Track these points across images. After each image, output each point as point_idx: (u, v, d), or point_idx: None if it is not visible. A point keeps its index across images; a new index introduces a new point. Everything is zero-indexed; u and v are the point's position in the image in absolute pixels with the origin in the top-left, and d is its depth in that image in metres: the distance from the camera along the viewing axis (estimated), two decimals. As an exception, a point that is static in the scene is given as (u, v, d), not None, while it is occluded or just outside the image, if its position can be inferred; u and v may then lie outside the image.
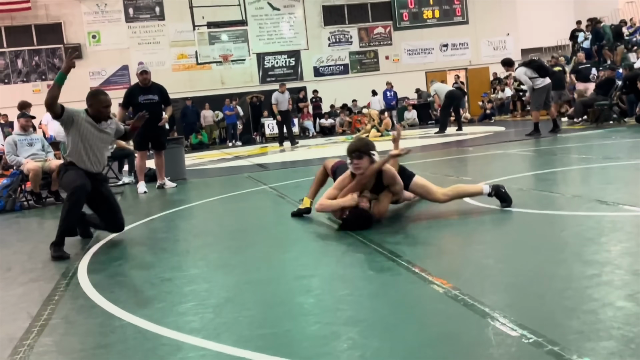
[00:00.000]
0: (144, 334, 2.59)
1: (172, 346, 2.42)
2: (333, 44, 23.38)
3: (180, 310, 2.87)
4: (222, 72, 22.41)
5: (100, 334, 2.67)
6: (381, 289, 2.93)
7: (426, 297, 2.74)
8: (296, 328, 2.51)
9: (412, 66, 23.75)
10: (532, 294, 2.62)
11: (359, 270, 3.31)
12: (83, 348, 2.51)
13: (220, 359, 2.25)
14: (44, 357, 2.44)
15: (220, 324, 2.63)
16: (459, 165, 8.35)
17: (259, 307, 2.82)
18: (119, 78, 21.59)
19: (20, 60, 21.27)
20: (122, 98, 8.66)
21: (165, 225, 5.65)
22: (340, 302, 2.77)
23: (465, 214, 4.55)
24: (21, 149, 7.87)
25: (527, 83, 11.25)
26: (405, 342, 2.26)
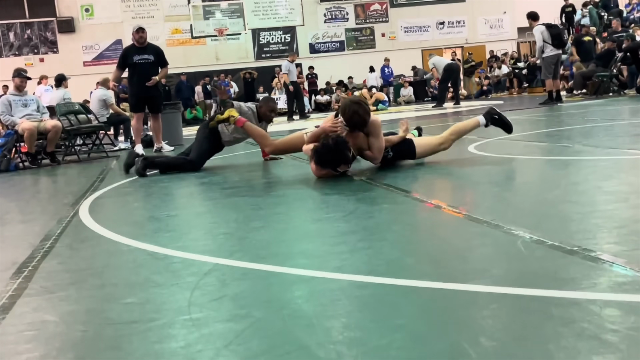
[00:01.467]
0: (154, 255, 2.49)
1: (185, 263, 2.32)
2: (329, 20, 23.14)
3: (190, 237, 2.76)
4: (216, 47, 22.16)
5: (108, 256, 2.56)
6: (399, 217, 2.83)
7: (447, 222, 2.64)
8: (313, 247, 2.41)
9: (408, 44, 23.57)
10: (558, 216, 2.52)
11: (372, 204, 3.21)
12: (90, 267, 2.40)
13: (236, 271, 2.15)
14: (49, 276, 2.33)
15: (233, 246, 2.53)
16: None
17: (273, 232, 2.72)
18: (113, 52, 21.26)
19: (12, 33, 20.94)
20: (118, 59, 8.50)
21: (166, 177, 5.52)
22: (357, 227, 2.67)
23: (476, 163, 4.45)
24: (16, 109, 7.70)
25: (539, 42, 11.10)
26: (430, 255, 2.16)
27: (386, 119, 11.82)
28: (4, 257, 2.71)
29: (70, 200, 4.30)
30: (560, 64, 11.63)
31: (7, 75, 18.22)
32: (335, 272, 2.00)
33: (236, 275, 2.12)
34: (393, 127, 8.82)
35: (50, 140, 7.72)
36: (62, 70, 19.23)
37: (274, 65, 21.82)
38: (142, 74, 8.16)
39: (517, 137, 5.97)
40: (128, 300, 1.94)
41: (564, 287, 1.65)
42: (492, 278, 1.80)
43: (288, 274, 2.06)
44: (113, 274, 2.28)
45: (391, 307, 1.65)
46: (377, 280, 1.89)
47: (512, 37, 24.31)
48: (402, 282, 1.85)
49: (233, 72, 21.64)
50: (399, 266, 2.03)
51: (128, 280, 2.17)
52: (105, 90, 10.02)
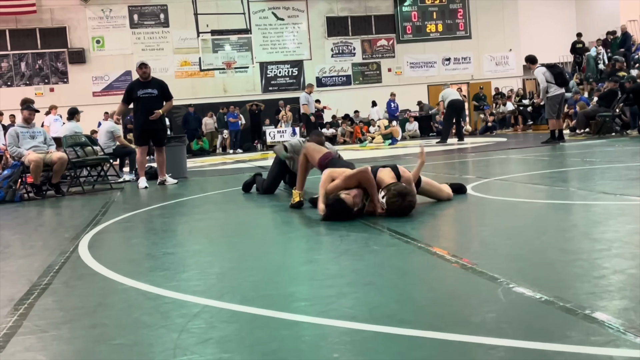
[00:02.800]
0: (146, 295, 2.55)
1: (176, 304, 2.38)
2: (336, 55, 23.46)
3: (183, 277, 2.83)
4: (224, 79, 22.47)
5: (102, 295, 2.62)
6: (387, 259, 2.89)
7: (434, 265, 2.70)
8: (301, 290, 2.48)
9: (414, 79, 23.82)
10: (542, 262, 2.58)
11: (363, 246, 3.27)
12: (84, 306, 2.47)
13: (224, 314, 2.21)
14: (44, 314, 2.39)
15: (224, 287, 2.60)
16: (461, 166, 8.33)
17: (263, 274, 2.78)
18: (122, 83, 21.55)
19: (24, 63, 21.30)
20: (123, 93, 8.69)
21: (167, 212, 5.61)
22: (345, 270, 2.74)
23: (471, 204, 4.52)
24: (23, 140, 7.84)
25: (542, 83, 11.22)
26: (413, 301, 2.22)
27: (390, 154, 11.91)
28: (2, 293, 2.78)
29: (71, 234, 4.38)
30: (565, 102, 11.74)
31: (17, 104, 18.57)
32: (319, 317, 2.06)
33: (224, 317, 2.18)
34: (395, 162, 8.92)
35: (56, 172, 7.85)
36: (72, 100, 19.59)
37: (280, 98, 22.10)
38: (146, 108, 8.33)
39: (516, 177, 6.06)
40: (117, 341, 2.01)
41: (536, 339, 1.70)
42: (470, 327, 1.85)
43: (273, 318, 2.12)
44: (105, 313, 2.34)
45: (370, 354, 1.71)
46: (359, 326, 1.95)
47: (517, 74, 24.54)
48: (383, 329, 1.91)
49: (240, 104, 21.90)
50: (382, 312, 2.08)
51: (119, 320, 2.24)
52: (112, 122, 10.19)
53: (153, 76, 8.74)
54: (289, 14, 23.07)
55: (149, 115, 8.25)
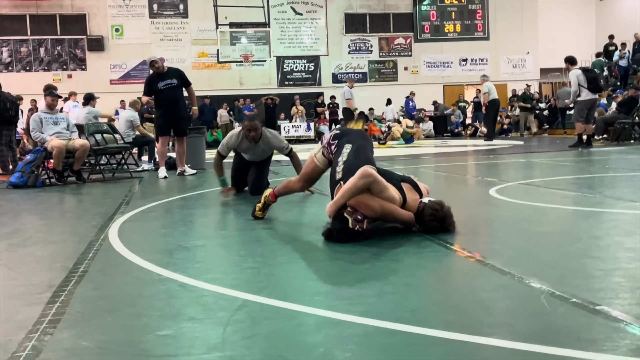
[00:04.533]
0: (185, 287, 2.57)
1: (216, 297, 2.40)
2: (353, 51, 23.44)
3: (219, 270, 2.85)
4: (241, 72, 22.51)
5: (140, 284, 2.64)
6: (422, 262, 2.90)
7: (470, 270, 2.71)
8: (340, 289, 2.48)
9: (430, 78, 23.77)
10: (580, 271, 2.58)
11: (396, 247, 3.27)
12: (124, 295, 2.49)
13: (266, 309, 2.22)
14: (85, 302, 2.42)
15: (261, 282, 2.61)
16: (483, 169, 8.30)
17: (298, 270, 2.79)
18: (139, 72, 21.69)
19: (43, 48, 21.43)
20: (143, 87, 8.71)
21: (191, 203, 5.64)
22: (383, 270, 2.74)
23: (498, 208, 4.51)
24: (46, 126, 7.90)
25: (574, 85, 11.15)
26: (453, 305, 2.22)
27: (408, 153, 11.88)
28: (40, 278, 2.81)
29: (98, 222, 4.41)
30: (595, 108, 11.68)
31: (35, 89, 18.68)
32: (362, 317, 2.07)
33: (266, 313, 2.19)
34: (408, 165, 8.91)
35: (78, 158, 7.90)
36: (89, 87, 19.66)
37: (295, 93, 22.12)
38: (168, 99, 8.36)
39: (538, 182, 6.04)
40: (163, 332, 2.02)
41: (586, 348, 1.71)
42: (515, 333, 1.85)
43: (316, 315, 2.13)
44: (147, 303, 2.36)
45: (417, 356, 1.72)
46: (403, 328, 1.95)
47: (534, 77, 24.43)
48: (428, 331, 1.91)
49: (255, 97, 21.93)
50: (424, 314, 2.09)
51: (162, 311, 2.25)
52: (133, 111, 10.24)
53: (168, 66, 8.76)
54: (307, 9, 23.07)
55: (172, 106, 8.29)
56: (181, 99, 8.49)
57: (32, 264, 3.17)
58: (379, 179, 3.33)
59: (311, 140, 20.84)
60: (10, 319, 2.23)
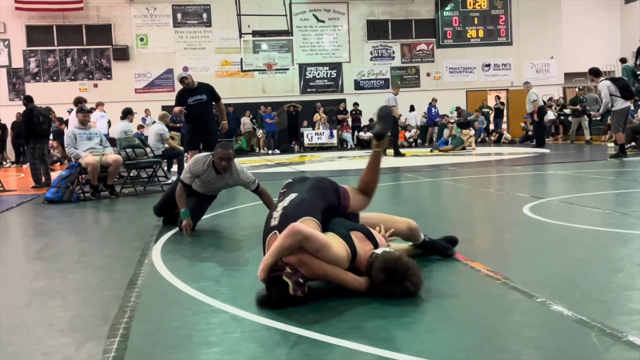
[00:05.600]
0: (236, 319, 2.64)
1: (269, 331, 2.46)
2: (375, 58, 23.48)
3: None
4: (264, 80, 22.65)
5: (194, 316, 2.71)
6: (465, 292, 2.94)
7: (516, 302, 2.73)
8: (388, 324, 2.52)
9: (453, 84, 23.71)
10: (628, 306, 2.60)
11: (430, 271, 3.31)
12: (181, 329, 2.56)
13: (320, 346, 2.28)
14: (145, 337, 2.49)
15: (313, 316, 2.65)
16: (512, 183, 8.28)
17: (344, 304, 2.84)
18: (164, 81, 21.96)
19: (70, 58, 21.77)
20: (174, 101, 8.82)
21: (228, 221, 5.72)
22: (423, 303, 2.78)
23: (534, 230, 4.52)
24: (80, 142, 8.06)
25: (606, 97, 11.04)
26: (505, 344, 2.26)
27: (430, 163, 11.85)
28: (95, 309, 2.90)
29: (139, 244, 4.52)
30: (628, 116, 11.57)
31: (63, 98, 19.03)
32: (417, 357, 2.11)
33: (321, 350, 2.25)
34: (431, 178, 8.91)
35: (111, 173, 8.05)
36: (115, 96, 19.99)
37: (318, 100, 22.20)
38: (198, 114, 8.49)
39: (573, 198, 6.02)
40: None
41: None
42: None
43: (371, 354, 2.18)
44: (203, 339, 2.43)
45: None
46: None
47: (558, 82, 24.24)
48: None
49: (278, 105, 22.06)
50: (477, 355, 2.13)
51: (219, 346, 2.32)
52: (162, 125, 10.40)
53: (198, 81, 8.86)
54: (329, 16, 23.16)
55: (201, 122, 8.40)
56: (210, 114, 8.60)
57: (85, 293, 3.27)
58: (313, 236, 2.78)
59: (334, 147, 20.91)
60: (74, 357, 2.31)
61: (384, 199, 7.15)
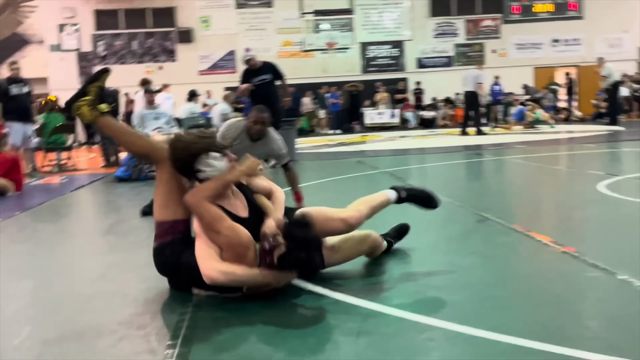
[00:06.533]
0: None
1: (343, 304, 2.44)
2: (438, 35, 22.97)
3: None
4: (325, 60, 22.56)
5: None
6: (540, 268, 2.84)
7: (601, 282, 2.62)
8: (461, 299, 2.46)
9: (520, 61, 22.94)
10: None
11: (510, 249, 3.22)
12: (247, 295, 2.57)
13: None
14: (217, 306, 2.52)
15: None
16: (585, 160, 7.96)
17: (413, 277, 2.79)
18: (226, 63, 22.18)
19: (136, 42, 22.29)
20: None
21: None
22: (500, 278, 2.70)
23: (610, 207, 4.33)
24: (148, 122, 8.25)
25: None
26: (599, 325, 2.16)
27: (495, 142, 11.54)
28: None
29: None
30: None
31: (129, 81, 19.51)
32: (494, 332, 2.04)
33: (393, 324, 2.21)
34: (497, 157, 8.66)
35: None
36: (179, 79, 20.34)
37: (379, 79, 21.95)
38: (261, 94, 8.52)
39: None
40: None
41: None
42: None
43: (446, 330, 2.12)
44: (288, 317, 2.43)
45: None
46: (540, 346, 1.92)
47: (632, 57, 23.10)
48: (570, 352, 1.85)
49: (339, 84, 21.93)
50: (562, 332, 2.04)
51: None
52: (226, 104, 10.51)
53: (263, 60, 8.88)
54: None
55: (264, 101, 8.43)
56: (274, 94, 8.62)
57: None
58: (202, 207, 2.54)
59: (396, 127, 20.67)
60: (150, 325, 2.36)
61: (449, 178, 7.03)
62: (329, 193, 6.11)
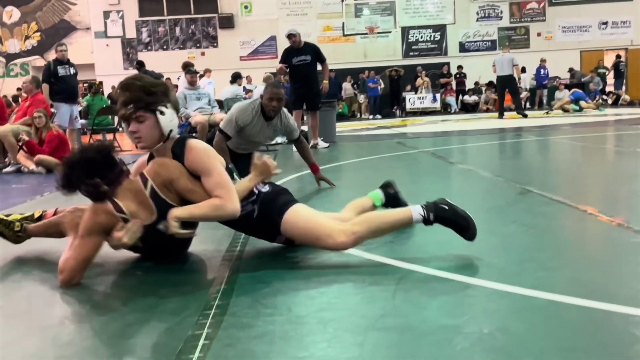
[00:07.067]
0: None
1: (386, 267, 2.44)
2: (481, 18, 22.58)
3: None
4: (365, 45, 22.44)
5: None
6: (582, 236, 2.78)
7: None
8: (501, 261, 2.44)
9: (566, 44, 22.39)
10: None
11: (552, 219, 3.16)
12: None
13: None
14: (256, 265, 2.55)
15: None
16: (632, 140, 7.74)
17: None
18: (267, 48, 22.28)
19: (178, 28, 22.56)
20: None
21: (332, 175, 5.74)
22: (542, 244, 2.66)
23: None
24: (190, 102, 8.35)
25: None
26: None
27: (543, 124, 11.31)
28: (210, 245, 2.99)
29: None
30: None
31: (172, 66, 19.79)
32: (533, 290, 2.02)
33: (438, 284, 2.21)
34: (542, 137, 8.47)
35: (219, 132, 8.29)
36: (221, 64, 20.52)
37: (420, 64, 21.71)
38: (300, 75, 8.60)
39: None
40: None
41: None
42: None
43: (483, 287, 2.11)
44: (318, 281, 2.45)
45: (610, 335, 1.65)
46: (579, 302, 1.88)
47: (685, 39, 22.29)
48: (612, 307, 1.82)
49: (379, 69, 21.78)
50: (604, 290, 2.00)
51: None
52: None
53: (306, 41, 8.93)
54: (433, -24, 22.47)
55: (303, 82, 8.49)
56: (313, 76, 8.66)
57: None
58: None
59: (437, 111, 20.44)
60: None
61: (490, 156, 6.94)
62: (368, 171, 6.09)
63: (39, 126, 7.55)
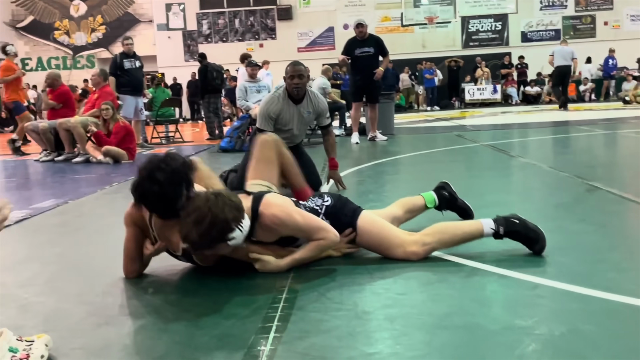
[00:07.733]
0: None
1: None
2: (545, 7, 21.92)
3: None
4: (424, 35, 22.16)
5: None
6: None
7: None
8: (571, 261, 2.39)
9: (635, 33, 21.47)
10: None
11: (623, 219, 3.07)
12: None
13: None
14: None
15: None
16: None
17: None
18: (325, 39, 22.30)
19: (238, 20, 22.84)
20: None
21: (391, 168, 5.74)
22: (615, 243, 2.60)
23: None
24: (250, 94, 8.46)
25: None
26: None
27: (609, 117, 10.94)
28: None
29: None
30: None
31: (232, 58, 20.05)
32: (604, 292, 1.98)
33: (506, 281, 2.19)
34: (609, 130, 8.18)
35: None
36: (279, 56, 20.64)
37: (480, 54, 21.28)
38: (362, 67, 8.56)
39: None
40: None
41: None
42: None
43: (552, 287, 2.08)
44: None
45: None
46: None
47: None
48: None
49: (438, 60, 21.48)
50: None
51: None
52: (325, 79, 10.60)
53: (370, 33, 8.91)
54: (495, -36, 21.95)
55: (365, 74, 8.46)
56: (375, 68, 8.60)
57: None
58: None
59: (497, 103, 20.01)
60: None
61: (555, 150, 6.77)
62: (427, 164, 6.04)
63: (107, 118, 7.80)
